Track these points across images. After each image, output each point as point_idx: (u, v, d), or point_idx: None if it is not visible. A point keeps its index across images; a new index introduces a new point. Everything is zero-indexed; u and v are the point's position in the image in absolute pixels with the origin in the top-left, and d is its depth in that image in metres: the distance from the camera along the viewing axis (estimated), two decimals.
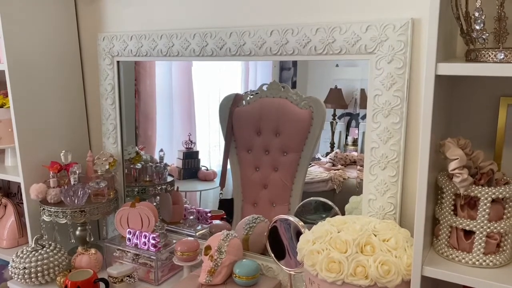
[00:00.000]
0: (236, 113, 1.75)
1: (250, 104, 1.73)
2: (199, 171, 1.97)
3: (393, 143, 1.28)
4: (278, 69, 1.65)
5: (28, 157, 1.77)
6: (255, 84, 1.71)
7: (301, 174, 1.64)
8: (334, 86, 1.56)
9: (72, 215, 1.68)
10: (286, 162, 1.67)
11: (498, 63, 0.89)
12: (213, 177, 1.95)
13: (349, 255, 1.08)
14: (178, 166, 1.98)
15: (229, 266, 1.50)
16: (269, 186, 1.73)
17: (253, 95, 1.71)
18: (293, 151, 1.65)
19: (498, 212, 1.00)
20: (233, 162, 1.80)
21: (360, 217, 1.27)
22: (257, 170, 1.75)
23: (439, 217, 1.06)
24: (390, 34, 1.23)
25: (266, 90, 1.67)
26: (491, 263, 1.00)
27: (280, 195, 1.70)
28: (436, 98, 0.96)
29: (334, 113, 1.62)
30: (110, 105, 1.87)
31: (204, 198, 1.99)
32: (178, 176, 1.98)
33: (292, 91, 1.62)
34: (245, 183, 1.79)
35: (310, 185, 1.65)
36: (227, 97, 1.77)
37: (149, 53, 1.70)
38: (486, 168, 1.03)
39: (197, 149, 1.96)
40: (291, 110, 1.63)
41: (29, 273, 1.61)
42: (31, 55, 1.75)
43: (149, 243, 1.64)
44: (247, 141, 1.75)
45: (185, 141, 1.95)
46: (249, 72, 1.75)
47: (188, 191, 2.00)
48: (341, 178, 1.62)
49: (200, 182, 1.97)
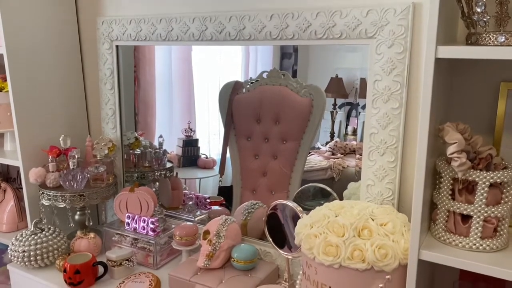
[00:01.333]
0: (236, 101, 1.75)
1: (250, 91, 1.72)
2: (199, 159, 1.98)
3: (392, 128, 1.28)
4: (278, 57, 1.64)
5: (27, 141, 1.77)
6: (255, 72, 1.70)
7: (300, 162, 1.64)
8: (335, 75, 1.55)
9: (71, 199, 1.68)
10: (285, 150, 1.67)
11: (498, 46, 0.89)
12: (213, 165, 1.95)
13: (347, 239, 1.08)
14: (177, 153, 1.99)
15: (228, 250, 1.51)
16: (268, 174, 1.73)
17: (253, 82, 1.70)
18: (293, 139, 1.65)
19: (496, 197, 1.00)
20: (233, 149, 1.80)
21: (358, 202, 1.27)
22: (257, 158, 1.75)
23: (437, 202, 1.06)
24: (391, 19, 1.22)
25: (266, 78, 1.66)
26: (488, 247, 1.00)
27: (279, 183, 1.70)
28: (436, 82, 0.95)
29: (334, 102, 1.61)
30: (109, 90, 1.86)
31: (203, 185, 2.00)
32: (177, 163, 1.99)
33: (292, 79, 1.61)
34: (244, 171, 1.79)
35: (310, 173, 1.65)
36: (227, 84, 1.76)
37: (148, 38, 1.69)
38: (484, 153, 1.03)
39: (196, 137, 1.96)
40: (291, 98, 1.62)
41: (28, 256, 1.62)
42: (30, 39, 1.74)
43: (148, 228, 1.65)
44: (246, 129, 1.75)
45: (184, 129, 1.95)
46: (249, 59, 1.74)
47: (188, 179, 2.00)
48: (340, 167, 1.63)
49: (199, 170, 1.98)
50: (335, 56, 1.54)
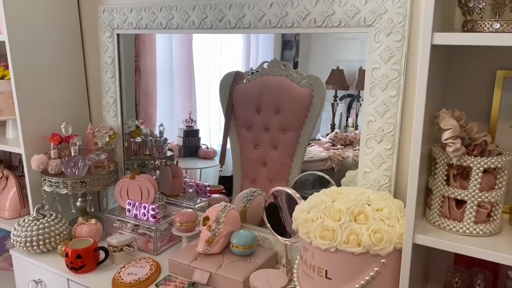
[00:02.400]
0: (237, 91, 1.75)
1: (250, 81, 1.72)
2: (199, 149, 1.99)
3: (389, 116, 1.29)
4: (279, 48, 1.64)
5: (29, 128, 1.79)
6: (256, 62, 1.70)
7: (300, 152, 1.65)
8: (336, 67, 1.55)
9: (72, 185, 1.70)
10: (285, 140, 1.68)
11: (493, 32, 0.90)
12: (213, 156, 1.96)
13: (343, 223, 1.10)
14: (178, 144, 2.00)
15: (227, 236, 1.53)
16: (268, 164, 1.74)
17: (253, 72, 1.71)
18: (293, 130, 1.66)
19: (490, 182, 1.02)
20: (233, 139, 1.81)
21: (355, 188, 1.29)
22: (257, 148, 1.76)
23: (432, 187, 1.08)
24: (389, 7, 1.23)
25: (266, 68, 1.67)
26: (481, 232, 1.02)
27: (279, 173, 1.71)
28: (432, 68, 0.97)
29: (335, 94, 1.62)
30: (110, 78, 1.87)
31: (204, 176, 2.01)
32: (178, 154, 2.00)
33: (293, 70, 1.62)
34: (244, 161, 1.80)
35: (309, 163, 1.66)
36: (227, 74, 1.77)
37: (149, 26, 1.70)
38: (479, 140, 1.04)
39: (197, 128, 1.96)
40: (291, 88, 1.63)
41: (31, 241, 1.64)
42: (32, 27, 1.75)
43: (148, 214, 1.67)
44: (247, 119, 1.76)
45: (185, 119, 1.96)
46: (251, 50, 1.74)
47: (189, 169, 2.02)
48: (340, 157, 1.63)
49: (200, 160, 1.99)
50: (336, 48, 1.54)
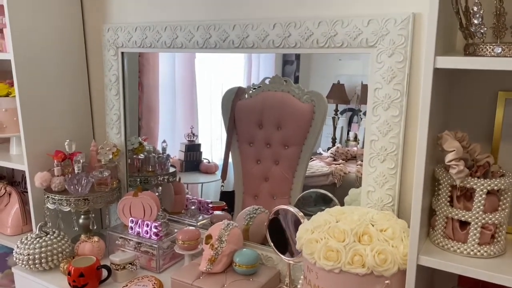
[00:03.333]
0: (239, 106, 1.77)
1: (252, 97, 1.74)
2: (201, 164, 1.99)
3: (392, 136, 1.30)
4: (280, 63, 1.66)
5: (33, 145, 1.80)
6: (257, 78, 1.72)
7: (302, 167, 1.66)
8: (336, 81, 1.57)
9: (75, 203, 1.71)
10: (287, 155, 1.69)
11: (495, 57, 0.91)
12: (215, 170, 1.97)
13: (347, 244, 1.10)
14: (180, 158, 2.00)
15: (229, 255, 1.53)
16: (270, 179, 1.74)
17: (255, 88, 1.72)
18: (295, 145, 1.66)
19: (493, 204, 1.02)
20: (235, 154, 1.82)
21: (359, 208, 1.29)
22: (259, 163, 1.76)
23: (436, 208, 1.08)
24: (391, 28, 1.24)
25: (268, 84, 1.68)
26: (485, 253, 1.02)
27: (280, 188, 1.71)
28: (435, 91, 0.98)
29: (336, 108, 1.63)
30: (114, 95, 1.89)
31: (205, 190, 2.01)
32: (180, 168, 2.00)
33: (294, 85, 1.63)
34: (246, 176, 1.80)
35: (311, 179, 1.66)
36: (229, 90, 1.78)
37: (153, 45, 1.72)
38: (482, 161, 1.05)
39: (199, 142, 1.97)
40: (293, 104, 1.64)
41: (33, 259, 1.64)
42: (37, 45, 1.77)
43: (151, 232, 1.67)
44: (249, 134, 1.77)
45: (187, 134, 1.97)
46: (252, 66, 1.76)
47: (190, 183, 2.02)
48: (341, 173, 1.64)
49: (201, 175, 1.99)
50: (337, 62, 1.55)
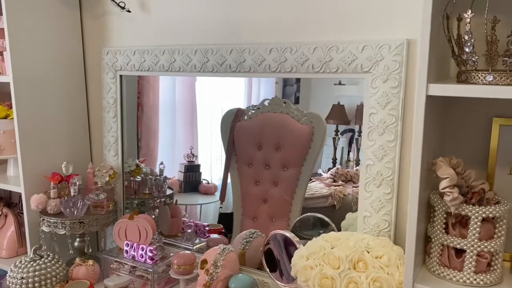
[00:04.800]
0: (238, 128, 1.77)
1: (251, 118, 1.74)
2: (200, 185, 1.98)
3: (388, 160, 1.30)
4: (281, 84, 1.66)
5: (30, 167, 1.80)
6: (258, 99, 1.72)
7: (301, 189, 1.65)
8: (337, 102, 1.57)
9: (71, 226, 1.70)
10: (286, 177, 1.68)
11: (487, 85, 0.92)
12: (214, 191, 1.95)
13: (342, 271, 1.09)
14: (179, 179, 2.00)
15: (225, 280, 1.51)
16: (269, 201, 1.73)
17: (254, 110, 1.73)
18: (294, 166, 1.66)
19: (489, 231, 1.01)
20: (234, 176, 1.81)
21: (354, 234, 1.28)
22: (257, 184, 1.76)
23: (431, 235, 1.07)
24: (386, 54, 1.26)
25: (267, 105, 1.69)
26: (481, 282, 1.01)
27: (279, 210, 1.70)
28: (429, 117, 0.98)
29: (336, 129, 1.63)
30: (112, 118, 1.90)
31: (204, 211, 1.99)
32: (179, 189, 1.99)
33: (294, 107, 1.63)
34: (245, 197, 1.79)
35: (311, 200, 1.65)
36: (229, 111, 1.79)
37: (152, 68, 1.73)
38: (477, 188, 1.05)
39: (198, 163, 1.97)
40: (292, 125, 1.64)
41: (27, 283, 1.61)
42: (36, 68, 1.78)
43: (146, 256, 1.65)
44: (248, 155, 1.76)
45: (186, 154, 1.96)
46: (252, 87, 1.76)
47: (189, 205, 2.00)
48: (341, 194, 1.63)
49: (201, 196, 1.98)
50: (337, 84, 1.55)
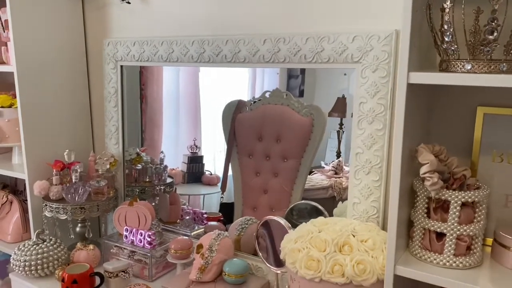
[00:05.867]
0: (239, 119, 1.79)
1: (252, 110, 1.76)
2: (203, 176, 2.01)
3: (376, 148, 1.33)
4: (285, 77, 1.67)
5: (34, 155, 1.85)
6: (262, 91, 1.73)
7: (300, 180, 1.67)
8: (341, 95, 1.58)
9: (72, 211, 1.75)
10: (286, 168, 1.70)
11: (465, 73, 0.95)
12: (217, 182, 1.98)
13: (328, 253, 1.12)
14: (182, 170, 2.03)
15: (219, 264, 1.56)
16: (269, 192, 1.76)
17: (256, 101, 1.74)
18: (293, 158, 1.68)
19: (469, 216, 1.04)
20: (235, 167, 1.84)
21: (343, 219, 1.32)
22: (258, 175, 1.78)
23: (414, 220, 1.11)
24: (375, 45, 1.28)
25: (268, 97, 1.70)
26: (461, 265, 1.04)
27: (279, 201, 1.72)
28: (412, 105, 1.01)
29: (341, 122, 1.63)
30: (113, 107, 1.94)
31: (207, 202, 2.02)
32: (182, 179, 2.02)
33: (294, 99, 1.65)
34: (245, 188, 1.82)
35: (311, 191, 1.67)
36: (230, 103, 1.81)
37: (151, 59, 1.77)
38: (459, 174, 1.08)
39: (201, 154, 2.00)
40: (292, 117, 1.66)
41: (29, 266, 1.68)
42: (40, 58, 1.84)
43: (144, 241, 1.70)
44: (248, 147, 1.79)
45: (190, 146, 1.99)
46: (256, 79, 1.78)
47: (192, 195, 2.04)
48: (341, 186, 1.63)
49: (203, 186, 2.01)
50: (341, 77, 1.56)
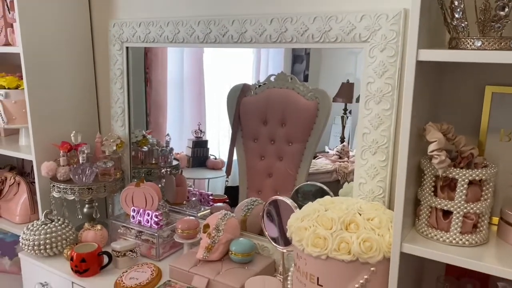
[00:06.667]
0: (244, 103, 1.79)
1: (257, 94, 1.76)
2: (208, 160, 2.02)
3: (383, 129, 1.33)
4: (290, 62, 1.66)
5: (40, 136, 1.86)
6: (266, 75, 1.73)
7: (305, 164, 1.67)
8: (346, 81, 1.57)
9: (80, 192, 1.77)
10: (291, 152, 1.71)
11: (475, 50, 0.94)
12: (221, 166, 1.99)
13: (334, 231, 1.13)
14: (187, 154, 2.04)
15: (226, 243, 1.57)
16: (274, 175, 1.77)
17: (260, 85, 1.74)
18: (298, 142, 1.68)
19: (476, 194, 1.05)
20: (239, 150, 1.84)
21: (349, 198, 1.32)
22: (263, 159, 1.79)
23: (420, 198, 1.11)
24: (383, 24, 1.27)
25: (273, 81, 1.70)
26: (467, 242, 1.05)
27: (284, 184, 1.73)
28: (421, 84, 1.01)
29: (345, 107, 1.63)
30: (118, 89, 1.94)
31: (212, 186, 2.04)
32: (187, 164, 2.03)
33: (299, 83, 1.64)
34: (250, 171, 1.83)
35: (315, 175, 1.67)
36: (235, 87, 1.80)
37: (156, 40, 1.77)
38: (466, 152, 1.08)
39: (206, 138, 2.00)
40: (297, 101, 1.66)
41: (38, 245, 1.70)
42: (46, 40, 1.83)
43: (151, 221, 1.72)
44: (253, 131, 1.79)
45: (194, 130, 2.00)
46: (261, 63, 1.77)
47: (197, 179, 2.05)
48: (345, 170, 1.64)
49: (208, 171, 2.02)
50: (346, 61, 1.56)
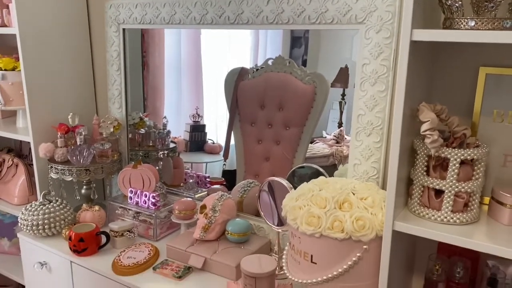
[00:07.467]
0: (241, 87, 1.79)
1: (255, 78, 1.76)
2: (206, 144, 2.03)
3: (378, 110, 1.34)
4: (288, 46, 1.66)
5: (38, 118, 1.87)
6: (264, 59, 1.73)
7: (302, 148, 1.68)
8: (344, 66, 1.57)
9: (77, 173, 1.78)
10: (288, 136, 1.72)
11: (469, 30, 0.95)
12: (219, 151, 2.00)
13: (328, 210, 1.15)
14: (185, 138, 2.04)
15: (222, 224, 1.60)
16: (271, 159, 1.78)
17: (258, 69, 1.74)
18: (296, 126, 1.69)
19: (467, 173, 1.06)
20: (237, 134, 1.86)
21: (343, 179, 1.34)
22: (260, 143, 1.80)
23: (413, 178, 1.13)
24: (379, 5, 1.27)
25: (271, 65, 1.70)
26: (458, 221, 1.07)
27: (281, 168, 1.74)
28: (414, 64, 1.01)
29: (343, 92, 1.63)
30: (115, 71, 1.95)
31: (210, 170, 2.05)
32: (185, 148, 2.04)
33: (297, 67, 1.64)
34: (247, 155, 1.84)
35: (312, 159, 1.68)
36: (232, 70, 1.80)
37: (153, 21, 1.76)
38: (459, 133, 1.09)
39: (204, 123, 2.01)
40: (294, 85, 1.66)
41: (37, 225, 1.72)
42: (42, 21, 1.83)
43: (149, 202, 1.74)
44: (251, 115, 1.80)
45: (192, 115, 2.01)
46: (259, 47, 1.76)
47: (195, 163, 2.06)
48: (342, 154, 1.65)
49: (206, 155, 2.03)
50: (344, 46, 1.56)
